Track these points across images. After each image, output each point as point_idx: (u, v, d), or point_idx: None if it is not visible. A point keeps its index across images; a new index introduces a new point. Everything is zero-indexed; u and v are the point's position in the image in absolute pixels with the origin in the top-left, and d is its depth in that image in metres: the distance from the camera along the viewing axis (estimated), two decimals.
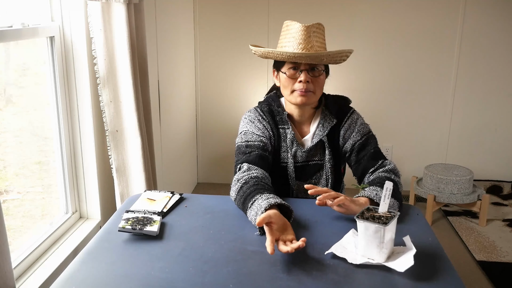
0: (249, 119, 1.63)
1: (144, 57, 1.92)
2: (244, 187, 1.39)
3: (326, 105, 1.64)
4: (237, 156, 1.56)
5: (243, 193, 1.38)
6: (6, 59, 1.68)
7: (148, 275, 1.09)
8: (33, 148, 1.86)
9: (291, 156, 1.61)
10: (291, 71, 1.54)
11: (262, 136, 1.58)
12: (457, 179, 2.96)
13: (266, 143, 1.57)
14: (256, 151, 1.53)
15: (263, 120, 1.62)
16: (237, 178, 1.46)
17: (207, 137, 3.69)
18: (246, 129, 1.61)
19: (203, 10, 3.44)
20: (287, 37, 1.54)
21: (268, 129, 1.61)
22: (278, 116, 1.63)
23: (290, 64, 1.53)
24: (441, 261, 1.16)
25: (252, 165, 1.49)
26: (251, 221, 1.32)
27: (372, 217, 1.15)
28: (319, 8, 3.35)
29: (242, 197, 1.38)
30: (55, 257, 1.66)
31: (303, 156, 1.63)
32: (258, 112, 1.64)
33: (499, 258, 2.60)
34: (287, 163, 1.62)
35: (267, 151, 1.56)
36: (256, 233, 1.28)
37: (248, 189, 1.37)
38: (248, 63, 3.49)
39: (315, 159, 1.64)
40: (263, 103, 1.68)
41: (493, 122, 3.51)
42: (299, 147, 1.62)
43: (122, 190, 1.88)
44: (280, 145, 1.62)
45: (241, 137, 1.60)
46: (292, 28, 1.54)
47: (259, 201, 1.30)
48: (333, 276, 1.09)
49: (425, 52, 3.40)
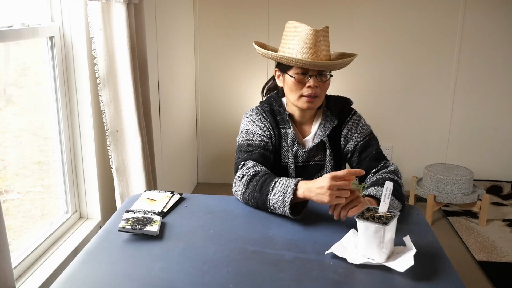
0: (251, 118, 1.63)
1: (144, 57, 1.92)
2: (256, 177, 1.40)
3: (328, 105, 1.64)
4: (238, 154, 1.56)
5: (257, 182, 1.39)
6: (6, 59, 1.68)
7: (148, 275, 1.09)
8: (33, 148, 1.86)
9: (291, 156, 1.61)
10: (300, 76, 1.52)
11: (263, 135, 1.58)
12: (457, 179, 2.96)
13: (267, 142, 1.58)
14: (258, 150, 1.54)
15: (264, 120, 1.62)
16: (241, 174, 1.46)
17: (207, 137, 3.69)
18: (248, 128, 1.61)
19: (203, 10, 3.44)
20: (295, 39, 1.51)
21: (269, 128, 1.61)
22: (279, 116, 1.63)
23: (299, 68, 1.52)
24: (441, 261, 1.16)
25: (256, 162, 1.50)
26: (274, 204, 1.34)
27: (372, 217, 1.15)
28: (319, 8, 3.35)
29: (256, 186, 1.39)
30: (55, 257, 1.66)
31: (304, 156, 1.63)
32: (260, 111, 1.64)
33: (499, 258, 2.60)
34: (287, 163, 1.62)
35: (269, 151, 1.57)
36: (285, 209, 1.31)
37: (262, 177, 1.39)
38: (248, 63, 3.49)
39: (316, 159, 1.64)
40: (265, 102, 1.68)
41: (493, 122, 3.51)
42: (300, 147, 1.62)
43: (122, 190, 1.88)
44: (281, 144, 1.62)
45: (243, 136, 1.60)
46: (301, 31, 1.50)
47: (282, 182, 1.33)
48: (333, 276, 1.09)
49: (425, 52, 3.40)
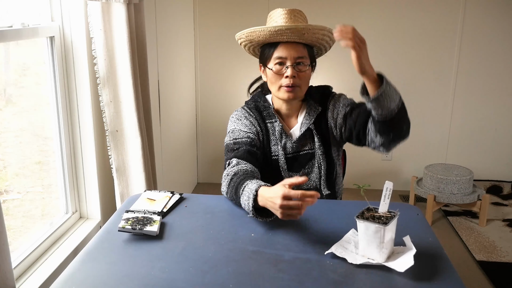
0: (236, 118, 1.66)
1: (144, 57, 1.92)
2: (235, 178, 1.41)
3: (310, 95, 1.66)
4: (226, 154, 1.59)
5: (234, 183, 1.40)
6: (6, 59, 1.68)
7: (148, 275, 1.09)
8: (33, 148, 1.86)
9: (281, 148, 1.63)
10: (277, 66, 1.56)
11: (249, 132, 1.60)
12: (457, 179, 2.96)
13: (254, 138, 1.59)
14: (244, 147, 1.55)
15: (249, 117, 1.65)
16: (226, 173, 1.48)
17: (207, 137, 3.69)
18: (233, 128, 1.63)
19: (203, 10, 3.44)
20: (270, 23, 1.58)
21: (255, 124, 1.63)
22: (265, 111, 1.66)
23: (276, 59, 1.55)
24: (441, 261, 1.16)
25: (241, 160, 1.51)
26: (244, 207, 1.33)
27: (372, 217, 1.15)
28: (319, 9, 3.35)
29: (233, 188, 1.40)
30: (55, 257, 1.66)
31: (293, 147, 1.64)
32: (245, 109, 1.68)
33: (499, 258, 2.60)
34: (278, 156, 1.63)
35: (255, 147, 1.58)
36: (249, 216, 1.30)
37: (238, 179, 1.39)
38: (248, 63, 3.49)
39: (306, 148, 1.65)
40: (249, 101, 1.72)
41: (493, 122, 3.51)
42: (288, 139, 1.64)
43: (122, 190, 1.88)
44: (269, 139, 1.64)
45: (229, 136, 1.62)
46: (274, 14, 1.58)
47: (249, 185, 1.31)
48: (333, 276, 1.09)
49: (425, 52, 3.40)
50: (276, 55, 1.55)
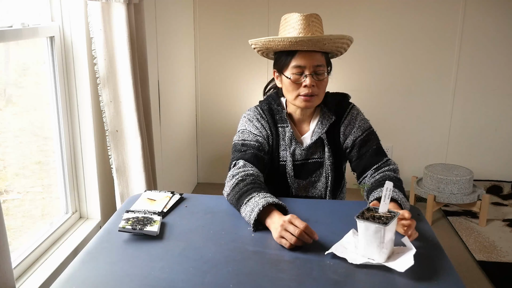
0: (248, 118, 1.64)
1: (144, 57, 1.92)
2: (241, 184, 1.41)
3: (325, 102, 1.63)
4: (233, 153, 1.58)
5: (239, 189, 1.40)
6: (6, 59, 1.68)
7: (148, 275, 1.09)
8: (33, 148, 1.86)
9: (289, 154, 1.61)
10: (295, 76, 1.52)
11: (259, 135, 1.59)
12: (457, 179, 2.96)
13: (262, 143, 1.58)
14: (252, 150, 1.54)
15: (261, 119, 1.62)
16: (232, 174, 1.48)
17: (207, 137, 3.69)
18: (244, 128, 1.62)
19: (203, 10, 3.44)
20: (287, 29, 1.54)
21: (266, 128, 1.61)
22: (278, 115, 1.64)
23: (295, 68, 1.51)
24: (441, 261, 1.16)
25: (248, 162, 1.50)
26: (244, 217, 1.34)
27: (372, 217, 1.15)
28: (319, 9, 3.34)
29: (237, 193, 1.39)
30: (55, 257, 1.66)
31: (302, 154, 1.62)
32: (258, 111, 1.65)
33: (499, 258, 2.60)
34: (285, 161, 1.62)
35: (263, 151, 1.57)
36: (249, 228, 1.31)
37: (245, 186, 1.39)
38: (248, 63, 3.49)
39: (315, 157, 1.64)
40: (263, 102, 1.69)
41: (493, 122, 3.51)
42: (298, 145, 1.62)
43: (122, 190, 1.88)
44: (279, 143, 1.63)
45: (239, 135, 1.61)
46: (291, 19, 1.53)
47: (256, 199, 1.32)
48: (333, 276, 1.09)
49: (425, 52, 3.40)
50: (295, 64, 1.51)
